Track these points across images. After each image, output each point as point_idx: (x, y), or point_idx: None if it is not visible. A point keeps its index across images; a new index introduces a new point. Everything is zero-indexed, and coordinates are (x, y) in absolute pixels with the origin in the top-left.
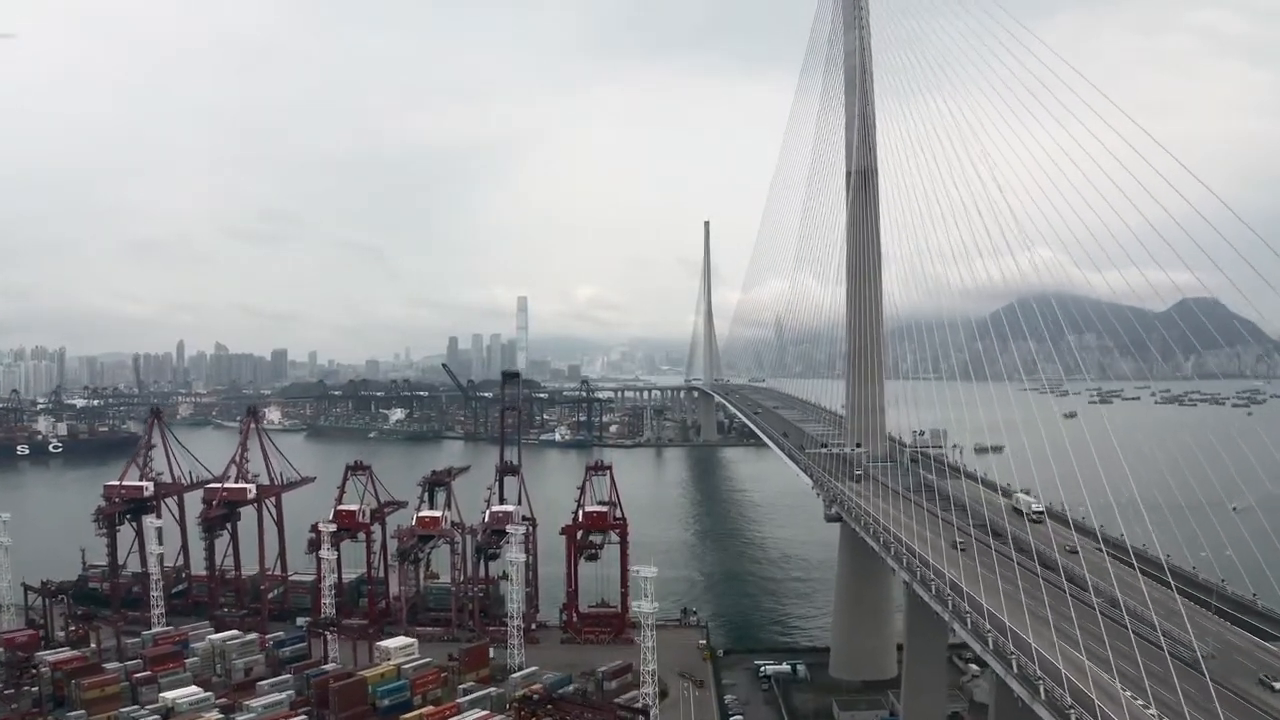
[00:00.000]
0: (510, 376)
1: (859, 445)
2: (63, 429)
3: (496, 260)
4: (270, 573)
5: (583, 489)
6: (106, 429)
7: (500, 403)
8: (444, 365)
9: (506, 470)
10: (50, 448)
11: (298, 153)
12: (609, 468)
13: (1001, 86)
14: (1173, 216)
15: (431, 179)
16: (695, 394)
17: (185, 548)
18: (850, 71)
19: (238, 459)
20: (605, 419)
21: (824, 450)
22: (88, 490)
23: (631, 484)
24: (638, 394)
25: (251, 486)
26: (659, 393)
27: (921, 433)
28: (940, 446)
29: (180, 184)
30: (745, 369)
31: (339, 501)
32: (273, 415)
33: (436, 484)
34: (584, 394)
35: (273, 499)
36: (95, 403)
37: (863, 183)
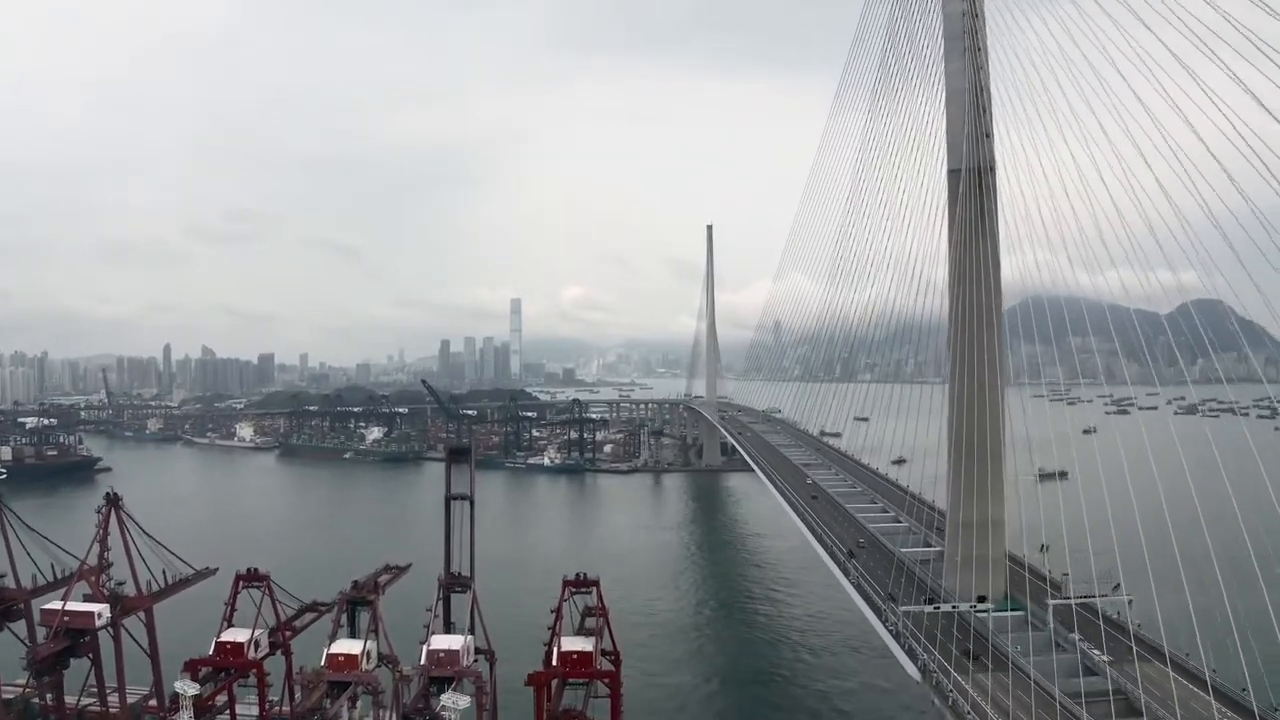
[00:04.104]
0: (460, 453)
1: (982, 599)
2: (7, 453)
3: (485, 260)
4: (148, 701)
5: (558, 613)
6: (55, 452)
7: (488, 422)
8: (423, 382)
9: (453, 583)
10: None
11: (282, 152)
12: (595, 583)
13: None
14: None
15: (416, 178)
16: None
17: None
18: (953, 21)
19: (92, 558)
20: (599, 437)
21: (928, 609)
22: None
23: (625, 528)
24: (634, 406)
25: (102, 609)
26: (656, 405)
27: (1043, 547)
28: (1098, 592)
29: (163, 184)
30: (743, 371)
31: (228, 620)
32: (244, 432)
33: (358, 601)
34: (575, 414)
35: (143, 612)
36: (48, 421)
37: (975, 183)
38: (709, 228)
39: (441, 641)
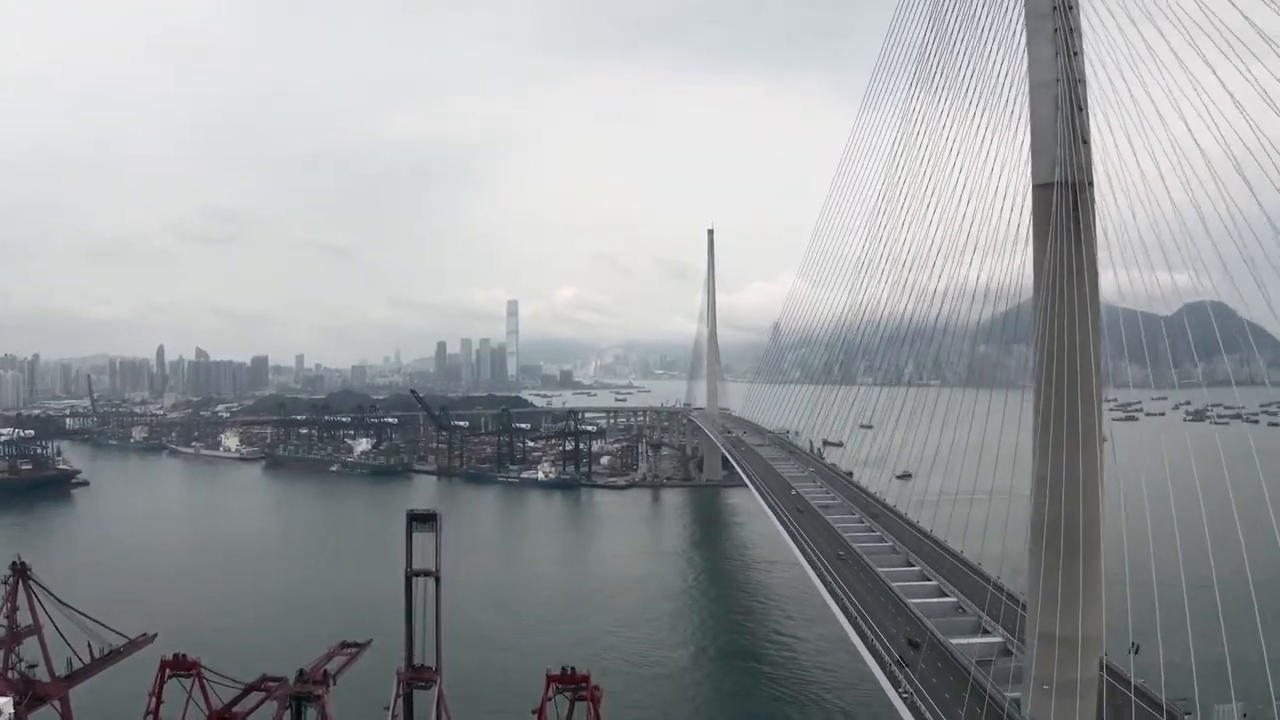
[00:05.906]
0: (425, 517)
1: None
2: None
3: (482, 261)
4: None
5: (541, 714)
6: (30, 466)
7: (481, 433)
8: (412, 391)
9: (414, 678)
10: None
11: (276, 152)
12: (586, 678)
13: None
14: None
15: (412, 179)
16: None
17: None
18: None
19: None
20: (595, 447)
21: None
22: None
23: (621, 553)
24: (631, 413)
25: (4, 704)
26: (654, 412)
27: (1133, 648)
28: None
29: (154, 183)
30: (742, 373)
31: (153, 713)
32: (230, 442)
33: (304, 697)
34: (570, 427)
35: (58, 700)
36: (24, 432)
37: (1068, 200)
38: (710, 232)
39: None
